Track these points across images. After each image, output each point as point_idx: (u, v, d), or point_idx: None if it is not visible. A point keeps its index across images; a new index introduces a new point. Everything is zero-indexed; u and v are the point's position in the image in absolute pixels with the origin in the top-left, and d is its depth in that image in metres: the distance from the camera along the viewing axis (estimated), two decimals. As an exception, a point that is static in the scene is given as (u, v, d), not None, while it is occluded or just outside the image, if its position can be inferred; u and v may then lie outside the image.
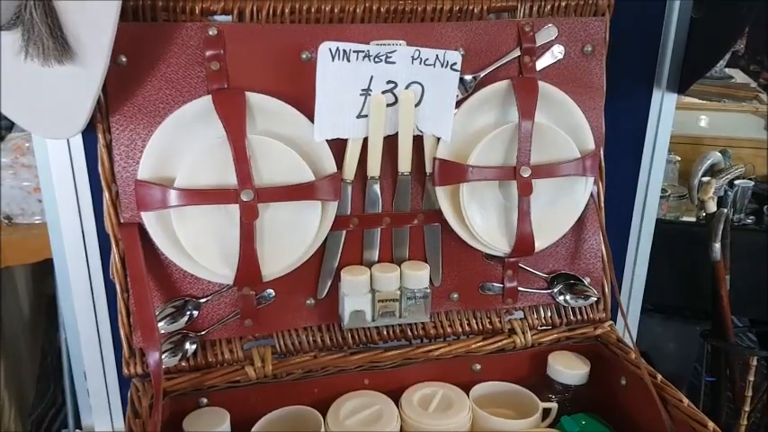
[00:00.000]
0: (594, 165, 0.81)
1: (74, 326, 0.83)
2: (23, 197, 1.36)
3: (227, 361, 0.77)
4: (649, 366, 0.77)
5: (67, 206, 0.79)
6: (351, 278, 0.77)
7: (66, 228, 0.80)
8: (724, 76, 2.39)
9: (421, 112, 0.75)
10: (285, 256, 0.74)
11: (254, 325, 0.77)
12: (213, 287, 0.75)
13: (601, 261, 0.86)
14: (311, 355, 0.79)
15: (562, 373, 0.81)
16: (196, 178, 0.69)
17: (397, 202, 0.79)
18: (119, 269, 0.72)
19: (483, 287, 0.84)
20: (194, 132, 0.70)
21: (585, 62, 0.81)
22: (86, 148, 0.77)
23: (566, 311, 0.87)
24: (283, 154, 0.71)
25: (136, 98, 0.69)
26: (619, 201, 0.93)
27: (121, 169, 0.70)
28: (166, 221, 0.71)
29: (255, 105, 0.70)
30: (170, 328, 0.74)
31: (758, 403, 1.44)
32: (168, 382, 0.73)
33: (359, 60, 0.71)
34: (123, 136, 0.70)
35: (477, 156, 0.77)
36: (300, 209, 0.73)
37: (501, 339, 0.84)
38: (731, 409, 1.43)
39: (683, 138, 1.69)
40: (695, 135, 1.72)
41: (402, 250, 0.81)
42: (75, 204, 0.79)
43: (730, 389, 1.43)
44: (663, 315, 1.66)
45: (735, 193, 1.43)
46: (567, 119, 0.80)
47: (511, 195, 0.79)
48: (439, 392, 0.79)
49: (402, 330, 0.82)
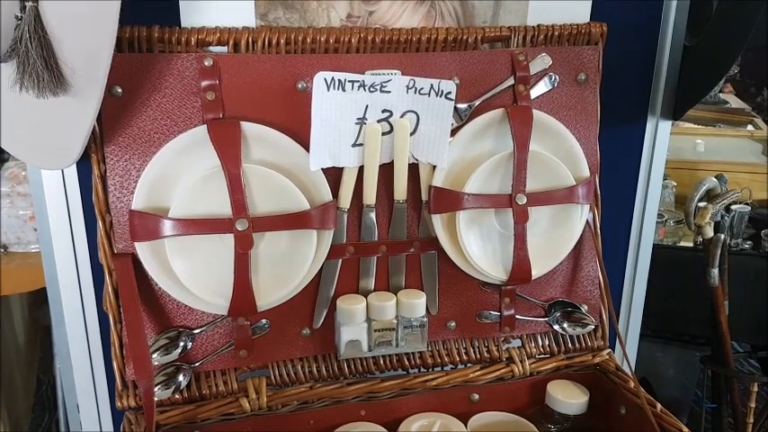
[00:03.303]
0: (590, 192, 0.81)
1: (67, 357, 0.82)
2: (19, 226, 1.36)
3: (221, 393, 0.75)
4: (648, 395, 0.76)
5: (61, 236, 0.78)
6: (347, 307, 0.76)
7: (60, 257, 0.79)
8: (719, 101, 2.40)
9: (416, 141, 0.75)
10: (280, 286, 0.74)
11: (249, 356, 0.77)
12: (207, 318, 0.75)
13: (598, 288, 0.86)
14: (307, 386, 0.78)
15: (561, 402, 0.80)
16: (191, 208, 0.69)
17: (393, 230, 0.79)
18: (112, 300, 0.71)
19: (480, 315, 0.83)
20: (189, 162, 0.70)
21: (579, 90, 0.81)
22: (81, 178, 0.77)
23: (564, 339, 0.86)
24: (278, 183, 0.71)
25: (131, 128, 0.69)
26: (615, 227, 0.93)
27: (116, 199, 0.70)
28: (160, 252, 0.70)
29: (251, 135, 0.70)
30: (163, 360, 0.73)
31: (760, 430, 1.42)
32: (161, 415, 0.72)
33: (354, 90, 0.71)
34: (118, 166, 0.69)
35: (473, 184, 0.77)
36: (296, 238, 0.73)
37: (499, 368, 0.83)
38: (733, 438, 1.41)
39: (680, 163, 1.69)
40: (691, 160, 1.73)
41: (398, 278, 0.81)
42: (69, 234, 0.78)
43: (731, 415, 1.41)
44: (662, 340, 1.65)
45: (732, 218, 1.43)
46: (562, 146, 0.80)
47: (507, 223, 0.79)
48: (437, 423, 0.77)
49: (399, 360, 0.81)
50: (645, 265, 0.96)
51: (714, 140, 1.88)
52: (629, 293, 0.98)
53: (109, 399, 0.83)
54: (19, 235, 1.35)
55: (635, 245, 0.95)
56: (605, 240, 0.86)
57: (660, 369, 1.65)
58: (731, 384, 1.39)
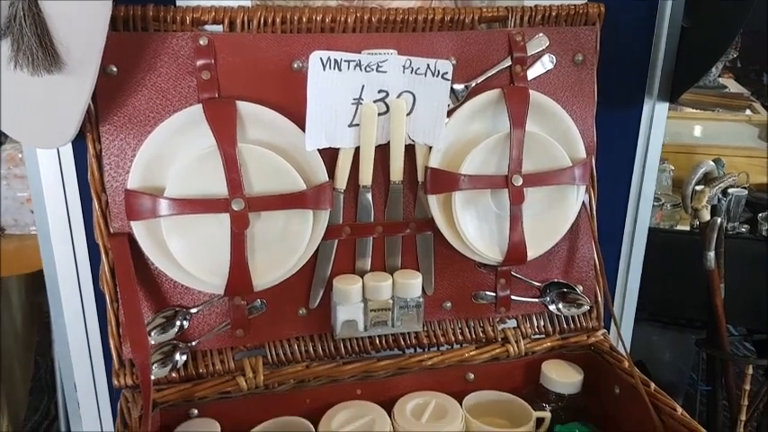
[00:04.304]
0: (586, 173, 0.81)
1: (64, 336, 0.83)
2: (16, 208, 1.36)
3: (217, 372, 0.76)
4: (643, 375, 0.76)
5: (58, 216, 0.78)
6: (343, 287, 0.77)
7: (56, 238, 0.79)
8: (717, 85, 2.40)
9: (412, 121, 0.75)
10: (277, 266, 0.74)
11: (246, 335, 0.77)
12: (204, 297, 0.75)
13: (593, 270, 0.86)
14: (303, 366, 0.78)
15: (555, 381, 0.80)
16: (186, 187, 0.69)
17: (390, 211, 0.79)
18: (108, 279, 0.71)
19: (476, 296, 0.84)
20: (184, 142, 0.70)
21: (576, 71, 0.81)
22: (76, 159, 0.77)
23: (559, 320, 0.86)
24: (274, 163, 0.71)
25: (126, 108, 0.69)
26: (611, 209, 0.93)
27: (111, 179, 0.70)
28: (156, 231, 0.70)
29: (246, 115, 0.70)
30: (160, 339, 0.73)
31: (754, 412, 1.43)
32: (158, 393, 0.72)
33: (350, 70, 0.71)
34: (113, 146, 0.69)
35: (469, 164, 0.77)
36: (292, 218, 0.73)
37: (494, 348, 0.83)
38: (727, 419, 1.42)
39: (678, 147, 1.70)
40: (689, 144, 1.73)
41: (394, 259, 0.81)
42: (66, 214, 0.79)
43: (726, 398, 1.42)
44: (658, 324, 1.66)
45: (729, 201, 1.44)
46: (559, 127, 0.80)
47: (503, 204, 0.79)
48: (432, 402, 0.78)
49: (395, 340, 0.82)
50: (640, 246, 0.97)
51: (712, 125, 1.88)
52: (625, 275, 0.98)
53: (106, 378, 0.84)
54: (16, 217, 1.35)
55: (631, 227, 0.95)
56: (601, 223, 0.86)
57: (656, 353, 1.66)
58: (726, 367, 1.40)
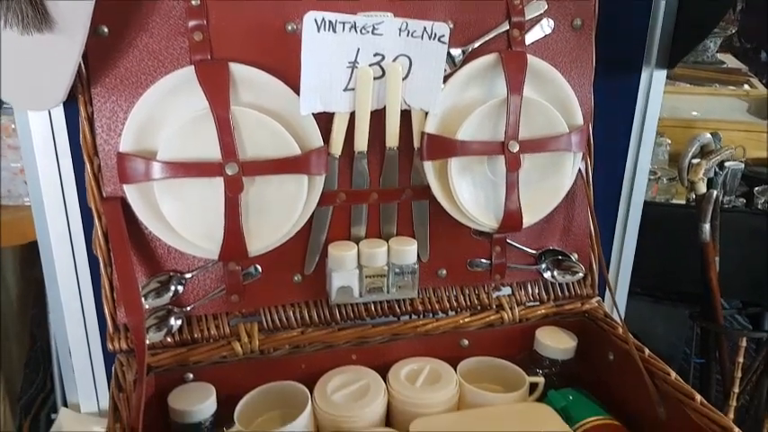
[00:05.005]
0: (583, 140, 0.80)
1: (58, 304, 0.83)
2: (10, 179, 1.35)
3: (213, 337, 0.76)
4: (637, 341, 0.76)
5: (50, 182, 0.78)
6: (338, 254, 0.77)
7: (49, 203, 0.79)
8: (716, 61, 2.39)
9: (408, 86, 0.74)
10: (271, 232, 0.74)
11: (241, 301, 0.77)
12: (198, 262, 0.75)
13: (588, 237, 0.86)
14: (298, 331, 0.78)
15: (549, 347, 0.81)
16: (179, 151, 0.68)
17: (385, 177, 0.79)
18: (102, 244, 0.71)
19: (471, 263, 0.84)
20: (177, 104, 0.69)
21: (575, 36, 0.80)
22: (68, 123, 0.76)
23: (553, 287, 0.86)
24: (268, 127, 0.70)
25: (117, 69, 0.68)
26: (608, 177, 0.93)
27: (103, 142, 0.69)
28: (149, 195, 0.70)
29: (239, 77, 0.69)
30: (155, 303, 0.73)
31: (747, 385, 1.44)
32: (153, 357, 0.72)
33: (345, 31, 0.70)
34: (105, 108, 0.68)
35: (466, 130, 0.76)
36: (286, 183, 0.73)
37: (489, 315, 0.84)
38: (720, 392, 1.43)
39: (675, 121, 1.69)
40: (686, 118, 1.72)
41: (390, 226, 0.81)
42: (58, 180, 0.78)
43: (719, 371, 1.43)
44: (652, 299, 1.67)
45: (725, 174, 1.43)
46: (556, 93, 0.79)
47: (499, 171, 0.79)
48: (426, 367, 0.78)
49: (390, 306, 0.82)
50: (636, 215, 0.97)
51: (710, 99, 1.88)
52: (620, 244, 0.98)
53: (101, 345, 0.84)
54: (10, 188, 1.34)
55: (627, 195, 0.95)
56: (597, 192, 0.86)
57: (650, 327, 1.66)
58: (719, 340, 1.41)
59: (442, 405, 0.74)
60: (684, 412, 0.68)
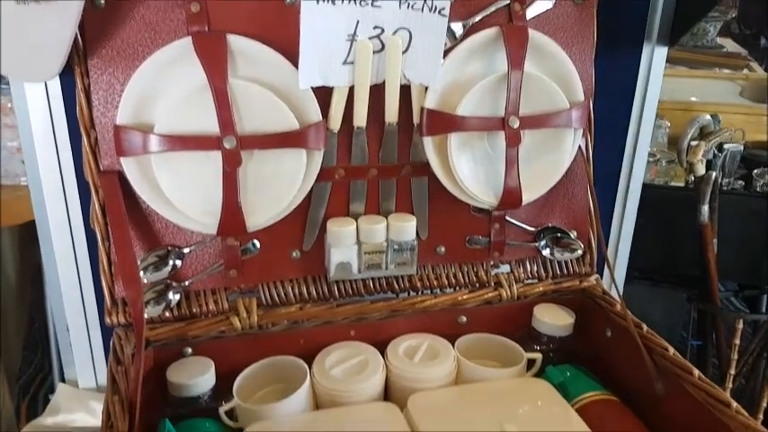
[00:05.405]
0: (584, 116, 0.80)
1: (56, 281, 0.82)
2: (7, 158, 1.34)
3: (211, 312, 0.76)
4: (635, 318, 0.77)
5: (47, 159, 0.77)
6: (337, 229, 0.76)
7: (47, 181, 0.78)
8: (715, 45, 2.38)
9: (408, 60, 0.73)
10: (270, 207, 0.73)
11: (239, 276, 0.77)
12: (196, 237, 0.74)
13: (588, 215, 0.86)
14: (297, 307, 0.78)
15: (547, 324, 0.81)
16: (177, 124, 0.68)
17: (384, 153, 0.78)
18: (99, 217, 0.70)
19: (470, 241, 0.84)
20: (174, 76, 0.68)
21: (577, 11, 0.79)
22: (65, 98, 0.75)
23: (552, 265, 0.86)
24: (267, 101, 0.70)
25: (114, 41, 0.67)
26: (608, 154, 0.92)
27: (100, 114, 0.68)
28: (147, 169, 0.69)
29: (237, 49, 0.69)
30: (153, 278, 0.73)
31: (743, 367, 1.45)
32: (152, 331, 0.72)
33: (344, 3, 0.69)
34: (102, 80, 0.68)
35: (466, 105, 0.75)
36: (285, 158, 0.72)
37: (487, 292, 0.84)
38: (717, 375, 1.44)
39: (674, 104, 1.68)
40: (686, 101, 1.72)
41: (389, 203, 0.80)
42: (55, 157, 0.78)
43: (715, 355, 1.44)
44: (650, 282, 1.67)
45: (724, 156, 1.43)
46: (557, 69, 0.78)
47: (499, 147, 0.78)
48: (424, 343, 0.78)
49: (389, 283, 0.81)
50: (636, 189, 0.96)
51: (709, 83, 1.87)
52: (620, 219, 0.98)
53: (99, 320, 0.84)
54: (6, 167, 1.33)
55: (627, 171, 0.95)
56: (597, 170, 0.85)
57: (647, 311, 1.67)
58: (716, 322, 1.42)
59: (440, 380, 0.74)
60: (683, 387, 0.68)
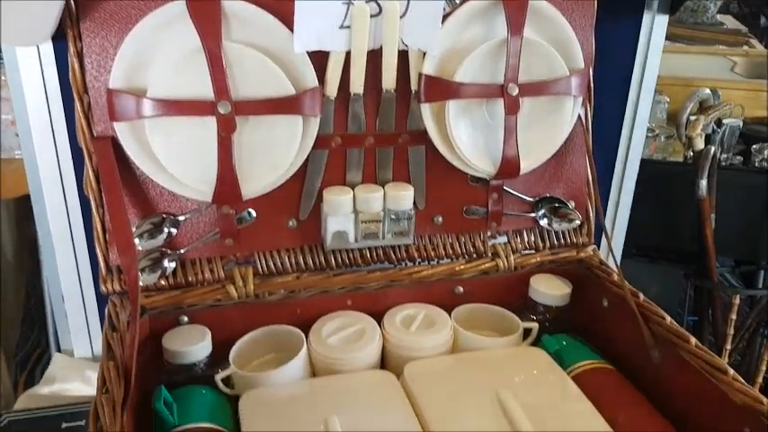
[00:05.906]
0: (583, 84, 0.79)
1: (51, 250, 0.82)
2: (2, 131, 1.33)
3: (207, 280, 0.75)
4: (632, 287, 0.76)
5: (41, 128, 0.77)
6: (333, 198, 0.76)
7: (40, 148, 0.78)
8: (716, 22, 2.36)
9: (406, 25, 0.72)
10: (265, 174, 0.72)
11: (235, 245, 0.76)
12: (191, 205, 0.74)
13: (586, 185, 0.85)
14: (293, 276, 0.78)
15: (544, 294, 0.80)
16: (171, 88, 0.67)
17: (381, 121, 0.77)
18: (92, 183, 0.70)
19: (467, 211, 0.83)
20: (168, 40, 0.67)
21: (577, -23, 0.78)
22: (58, 65, 0.74)
23: (549, 235, 0.86)
24: (262, 65, 0.69)
25: (107, 3, 0.66)
26: (606, 128, 0.91)
27: (93, 79, 0.67)
28: (141, 134, 0.68)
29: (231, 13, 0.67)
30: (148, 245, 0.72)
31: (739, 342, 1.46)
32: (147, 299, 0.72)
33: (341, -35, 0.68)
34: (94, 43, 0.67)
35: (464, 72, 0.74)
36: (280, 124, 0.71)
37: (484, 263, 0.83)
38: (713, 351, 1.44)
39: (673, 79, 1.67)
40: (685, 77, 1.70)
41: (386, 172, 0.80)
42: (49, 126, 0.77)
43: (711, 332, 1.44)
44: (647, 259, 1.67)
45: (723, 132, 1.42)
46: (557, 35, 0.77)
47: (497, 114, 0.78)
48: (421, 313, 0.78)
49: (385, 253, 0.81)
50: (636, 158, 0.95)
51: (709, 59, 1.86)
52: (616, 196, 0.97)
53: (94, 290, 0.83)
54: (2, 140, 1.32)
55: (626, 141, 0.94)
56: (596, 139, 0.84)
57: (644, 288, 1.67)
58: (713, 298, 1.42)
59: (437, 349, 0.74)
60: (679, 355, 0.68)
